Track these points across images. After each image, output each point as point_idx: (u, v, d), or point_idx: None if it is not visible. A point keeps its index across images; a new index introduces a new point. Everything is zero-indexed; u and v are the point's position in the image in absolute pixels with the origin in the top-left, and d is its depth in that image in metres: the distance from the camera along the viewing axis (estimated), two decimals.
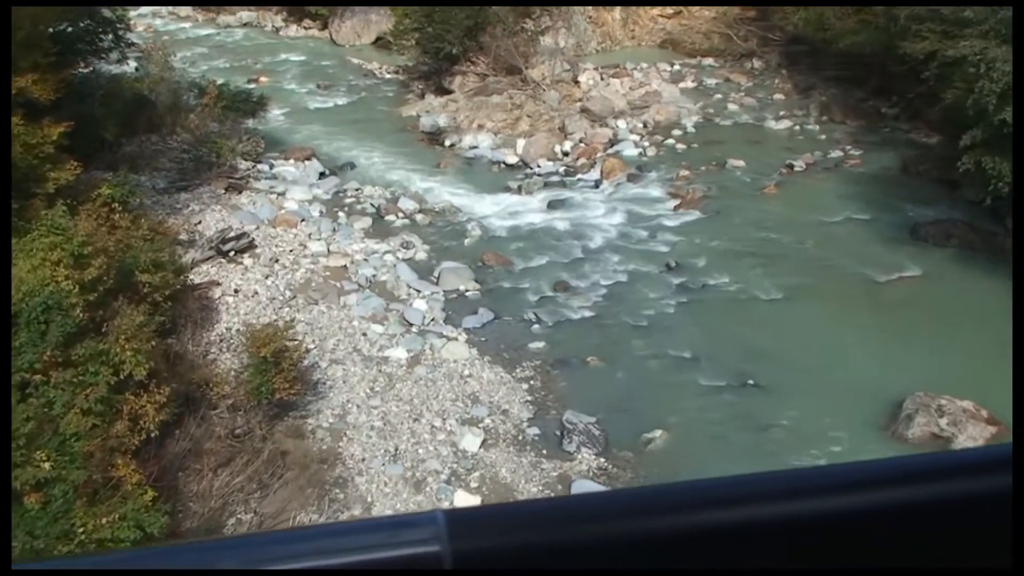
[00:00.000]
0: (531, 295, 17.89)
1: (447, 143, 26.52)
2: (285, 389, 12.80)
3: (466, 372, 15.22)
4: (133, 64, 28.02)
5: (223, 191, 21.35)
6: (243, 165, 23.07)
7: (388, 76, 33.40)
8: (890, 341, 15.93)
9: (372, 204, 22.00)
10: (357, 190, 22.91)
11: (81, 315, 11.86)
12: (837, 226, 20.29)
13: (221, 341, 15.49)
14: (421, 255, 19.37)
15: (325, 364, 15.13)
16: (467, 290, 17.92)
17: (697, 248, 19.46)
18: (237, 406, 13.28)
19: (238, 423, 13.07)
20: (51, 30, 22.13)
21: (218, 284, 17.10)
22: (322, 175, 24.19)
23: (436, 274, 18.46)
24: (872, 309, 17.10)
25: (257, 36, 39.12)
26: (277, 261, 18.41)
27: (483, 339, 16.32)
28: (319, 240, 19.51)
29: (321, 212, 21.38)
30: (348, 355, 15.47)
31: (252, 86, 31.46)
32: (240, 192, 21.65)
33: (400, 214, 21.44)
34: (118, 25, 26.28)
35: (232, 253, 18.29)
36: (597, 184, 23.14)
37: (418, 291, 17.82)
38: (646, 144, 25.08)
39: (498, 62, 29.81)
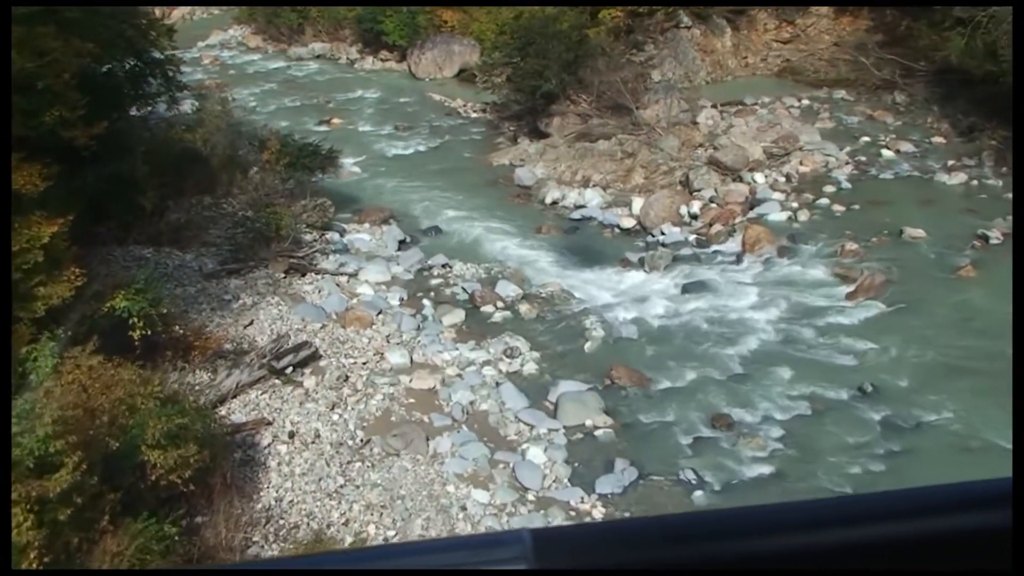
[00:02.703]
0: (681, 434, 12.90)
1: (547, 200, 21.69)
2: None
3: None
4: (192, 103, 23.88)
5: (282, 275, 16.80)
6: (308, 236, 18.53)
7: (474, 115, 28.74)
8: None
9: (463, 288, 17.25)
10: (445, 267, 18.19)
11: (33, 562, 7.28)
12: None
13: (267, 521, 10.80)
14: (530, 367, 14.53)
15: None
16: (596, 427, 13.00)
17: (893, 361, 14.28)
18: None
19: None
20: (95, 72, 18.07)
21: (268, 424, 12.45)
22: (402, 243, 19.59)
23: (553, 400, 13.60)
24: None
25: (330, 69, 34.84)
26: (347, 380, 13.74)
27: (627, 514, 11.38)
28: (399, 345, 14.82)
29: (402, 300, 16.70)
30: None
31: (324, 128, 27.14)
32: (303, 275, 17.08)
33: (499, 303, 16.63)
34: (168, 66, 22.07)
35: (290, 370, 13.68)
36: (739, 258, 18.08)
37: (531, 427, 12.97)
38: (794, 205, 19.90)
39: (602, 101, 24.94)
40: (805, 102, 27.34)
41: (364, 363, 14.24)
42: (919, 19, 27.97)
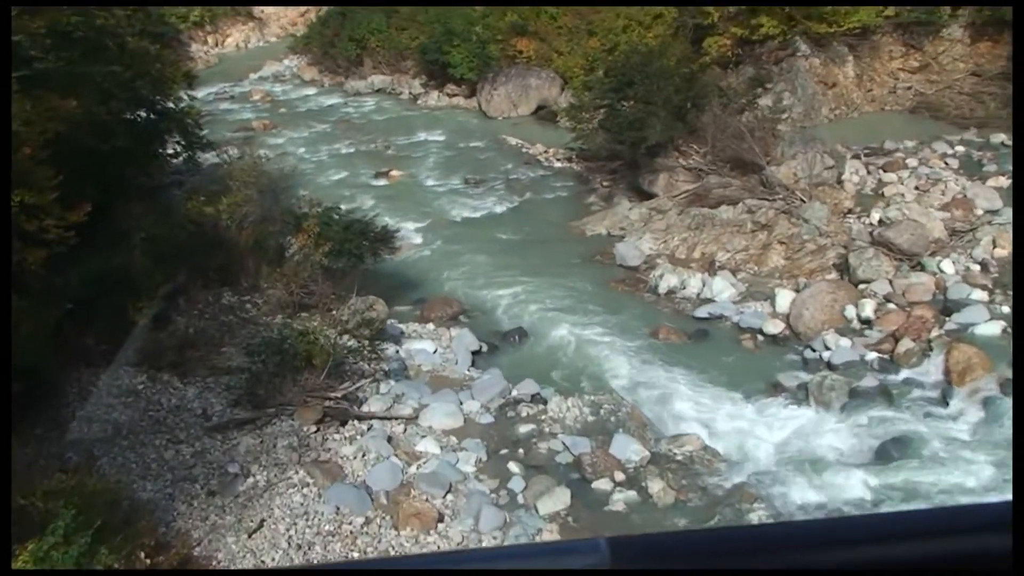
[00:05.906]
0: None
1: (662, 289, 16.14)
2: None
3: None
4: (226, 157, 18.82)
5: (314, 428, 11.53)
6: (350, 357, 13.25)
7: (558, 164, 23.32)
8: None
9: (564, 443, 11.76)
10: (535, 401, 12.75)
11: None
12: None
13: None
14: None
15: None
16: None
17: None
18: None
19: None
20: (80, 136, 13.24)
21: None
22: (476, 355, 14.27)
23: None
24: None
25: (391, 106, 29.71)
26: None
27: None
28: None
29: (479, 464, 11.30)
30: None
31: (381, 183, 21.99)
32: (343, 424, 11.79)
33: (617, 474, 11.13)
34: (187, 120, 17.05)
35: None
36: (944, 397, 12.28)
37: None
38: (1004, 310, 13.99)
39: (719, 153, 19.32)
40: (959, 148, 21.39)
41: None
42: None
